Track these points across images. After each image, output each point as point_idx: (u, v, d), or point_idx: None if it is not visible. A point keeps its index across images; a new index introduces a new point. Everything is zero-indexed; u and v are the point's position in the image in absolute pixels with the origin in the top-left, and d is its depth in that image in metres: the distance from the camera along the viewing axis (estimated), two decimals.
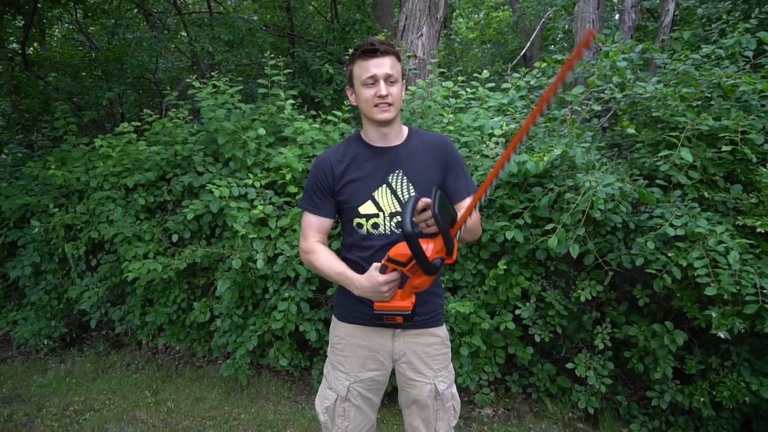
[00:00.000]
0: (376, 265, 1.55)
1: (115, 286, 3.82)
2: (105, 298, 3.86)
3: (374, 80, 1.62)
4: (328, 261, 1.70)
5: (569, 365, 2.90)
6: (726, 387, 2.59)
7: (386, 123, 1.69)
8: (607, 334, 2.83)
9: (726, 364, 2.70)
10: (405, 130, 1.80)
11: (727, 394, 2.56)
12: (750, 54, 3.19)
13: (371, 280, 1.54)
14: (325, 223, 1.77)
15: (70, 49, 8.08)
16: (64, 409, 3.27)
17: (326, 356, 1.92)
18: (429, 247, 1.43)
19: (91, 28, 7.93)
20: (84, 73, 6.75)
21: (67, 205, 3.87)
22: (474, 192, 1.77)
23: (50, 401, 3.35)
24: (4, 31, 6.84)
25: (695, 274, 2.37)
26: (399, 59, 1.68)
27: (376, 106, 1.64)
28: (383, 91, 1.61)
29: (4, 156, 6.39)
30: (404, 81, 1.74)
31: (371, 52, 1.61)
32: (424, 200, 1.46)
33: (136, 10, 7.76)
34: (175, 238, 3.43)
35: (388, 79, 1.62)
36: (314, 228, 1.76)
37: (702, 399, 2.64)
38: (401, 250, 1.46)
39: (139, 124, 3.91)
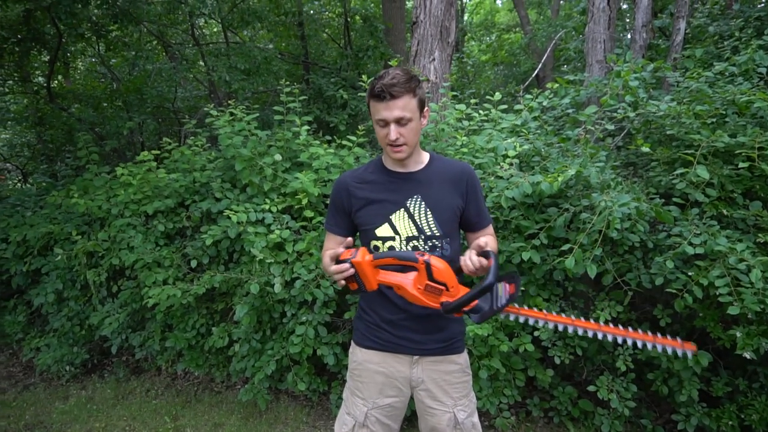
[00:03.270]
0: (344, 252, 1.59)
1: (136, 312, 3.86)
2: (125, 324, 3.90)
3: (385, 123, 1.61)
4: (327, 254, 1.68)
5: (591, 388, 2.85)
6: (755, 410, 2.52)
7: (399, 161, 1.72)
8: (629, 356, 2.78)
9: (754, 385, 2.64)
10: (426, 156, 1.81)
11: (757, 417, 2.50)
12: (764, 70, 3.18)
13: (324, 260, 1.64)
14: (342, 240, 1.79)
15: (93, 81, 8.33)
16: None
17: (344, 381, 1.92)
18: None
19: (113, 60, 8.19)
20: (105, 104, 6.95)
21: (89, 232, 3.95)
22: (490, 223, 1.87)
23: (71, 428, 3.37)
24: (30, 66, 7.10)
25: (717, 293, 2.33)
26: (415, 94, 1.61)
27: (388, 145, 1.65)
28: (393, 136, 1.61)
29: (29, 185, 6.57)
30: (427, 108, 1.71)
31: (380, 97, 1.58)
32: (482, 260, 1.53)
33: (155, 42, 8.00)
34: (193, 263, 3.47)
35: (400, 122, 1.60)
36: (333, 242, 1.82)
37: (730, 422, 2.57)
38: (446, 276, 1.52)
39: (158, 152, 3.99)
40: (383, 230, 1.71)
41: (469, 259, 1.53)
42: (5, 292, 4.54)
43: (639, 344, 1.52)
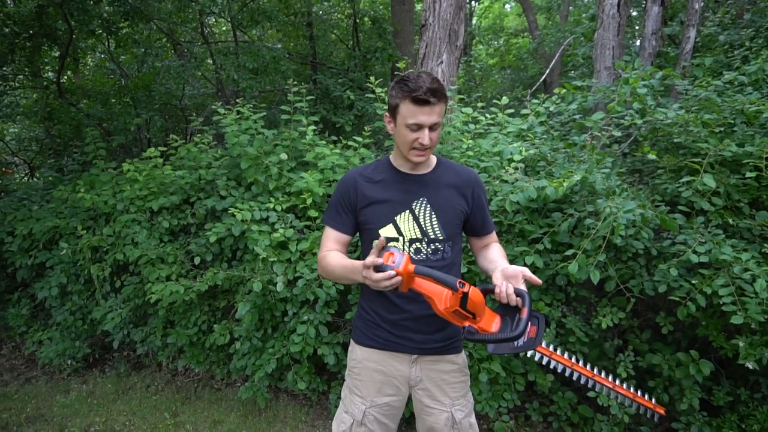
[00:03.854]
0: (384, 255, 1.48)
1: (138, 308, 3.88)
2: (128, 320, 3.92)
3: (419, 127, 1.60)
4: (336, 259, 1.70)
5: (591, 394, 2.83)
6: (756, 420, 2.50)
7: (418, 164, 1.73)
8: (630, 363, 2.77)
9: (756, 396, 2.62)
10: (433, 159, 1.82)
11: (758, 428, 2.48)
12: None
13: (364, 265, 1.49)
14: (344, 238, 1.79)
15: (102, 77, 8.38)
16: (85, 429, 3.31)
17: (344, 380, 1.92)
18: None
19: (122, 57, 8.23)
20: (114, 100, 6.99)
21: (95, 227, 3.98)
22: (494, 230, 1.90)
23: (72, 421, 3.39)
24: (41, 61, 7.15)
25: (720, 302, 2.32)
26: (447, 102, 1.64)
27: (414, 149, 1.65)
28: (426, 141, 1.61)
29: (36, 180, 6.61)
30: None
31: (424, 102, 1.56)
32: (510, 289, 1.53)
33: (165, 40, 8.04)
34: (197, 260, 3.49)
35: (433, 127, 1.61)
36: (332, 240, 1.79)
37: None
38: (479, 308, 1.52)
39: (165, 149, 4.02)
40: (387, 231, 1.71)
41: (506, 293, 1.52)
42: (10, 285, 4.58)
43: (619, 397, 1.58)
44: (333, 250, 1.76)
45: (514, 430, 3.09)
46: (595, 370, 1.59)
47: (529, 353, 1.62)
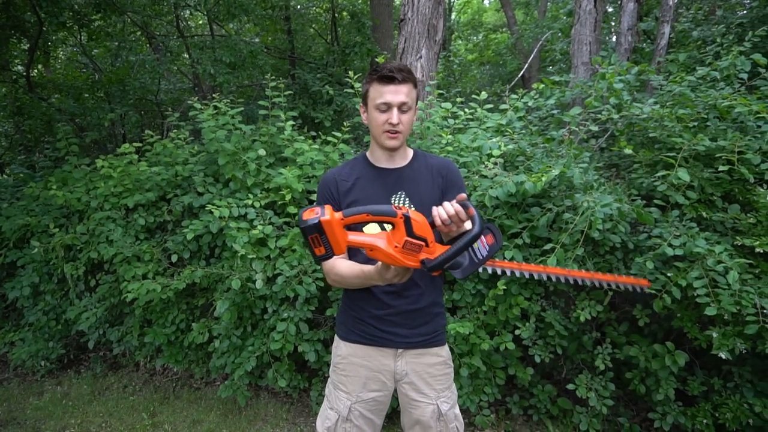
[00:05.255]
0: (307, 210, 1.38)
1: (114, 307, 3.80)
2: (103, 319, 3.84)
3: (388, 107, 1.63)
4: (347, 268, 1.66)
5: (570, 386, 2.87)
6: (729, 409, 2.56)
7: (393, 149, 1.71)
8: (608, 355, 2.81)
9: (728, 385, 2.68)
10: (410, 152, 1.82)
11: (730, 416, 2.54)
12: (745, 76, 3.23)
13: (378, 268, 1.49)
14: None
15: (74, 71, 8.18)
16: None
17: (325, 377, 1.91)
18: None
19: (95, 50, 8.05)
20: (87, 95, 6.83)
21: (68, 225, 3.88)
22: None
23: (46, 424, 3.31)
24: (9, 54, 6.94)
25: (695, 294, 2.37)
26: (416, 86, 1.68)
27: (385, 131, 1.66)
28: (395, 120, 1.63)
29: (5, 176, 6.42)
30: (416, 107, 1.75)
31: (389, 79, 1.61)
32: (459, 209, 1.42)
33: (139, 33, 7.88)
34: (174, 258, 3.43)
35: (402, 107, 1.63)
36: None
37: (705, 421, 2.62)
38: (426, 231, 1.38)
39: (140, 144, 3.94)
40: (370, 227, 1.70)
41: (444, 207, 1.42)
42: None
43: (603, 284, 1.54)
44: (337, 258, 1.69)
45: (494, 424, 3.11)
46: (568, 269, 1.53)
47: (499, 270, 1.53)
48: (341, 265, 1.68)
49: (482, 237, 1.42)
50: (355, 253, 1.75)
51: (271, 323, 3.09)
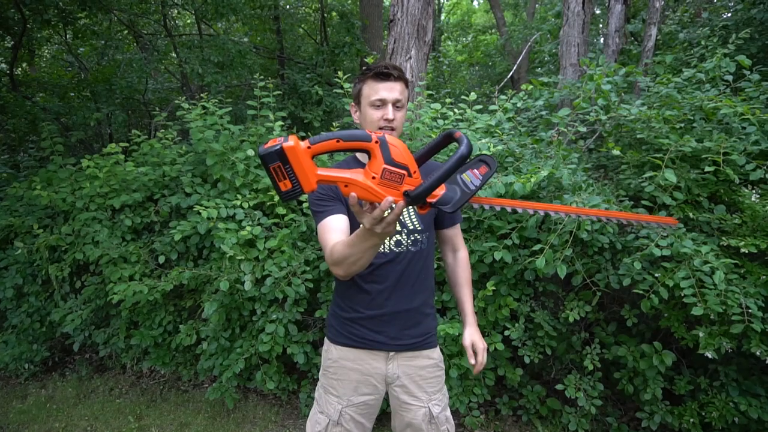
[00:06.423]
0: (270, 140, 1.18)
1: (100, 309, 3.75)
2: (89, 321, 3.79)
3: (383, 103, 1.65)
4: (343, 243, 1.46)
5: (559, 387, 2.89)
6: (715, 407, 2.59)
7: None
8: (597, 355, 2.83)
9: (714, 384, 2.71)
10: None
11: (716, 415, 2.56)
12: (730, 78, 3.26)
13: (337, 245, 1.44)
14: (342, 221, 1.61)
15: (59, 70, 8.08)
16: None
17: (314, 379, 1.90)
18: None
19: (81, 49, 7.94)
20: (72, 94, 6.74)
21: (52, 226, 3.82)
22: (460, 221, 1.93)
23: (30, 428, 3.26)
24: None
25: (682, 294, 2.38)
26: (407, 86, 1.70)
27: (380, 128, 1.65)
28: (390, 115, 1.64)
29: None
30: (407, 107, 1.76)
31: (385, 76, 1.63)
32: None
33: (126, 32, 7.79)
34: (161, 259, 3.39)
35: (396, 104, 1.65)
36: (333, 230, 1.59)
37: (692, 420, 2.64)
38: (406, 157, 1.21)
39: (127, 144, 3.89)
40: None
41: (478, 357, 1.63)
42: None
43: (624, 222, 1.42)
44: (336, 237, 1.57)
45: (484, 425, 3.12)
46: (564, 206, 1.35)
47: (498, 207, 1.38)
48: (338, 245, 1.49)
49: (474, 169, 1.30)
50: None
51: (260, 325, 3.06)
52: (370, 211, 1.21)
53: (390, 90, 1.64)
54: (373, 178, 1.18)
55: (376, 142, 1.17)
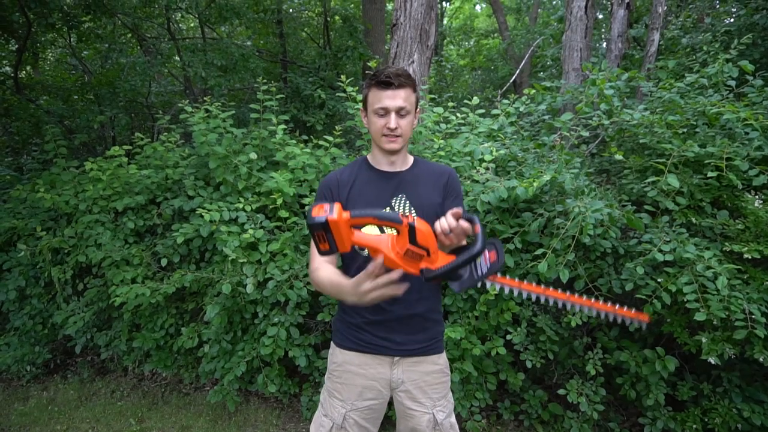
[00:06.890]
0: (315, 207, 1.35)
1: (102, 311, 3.76)
2: (91, 323, 3.79)
3: (386, 112, 1.65)
4: (326, 274, 1.61)
5: (561, 391, 2.88)
6: (718, 413, 2.58)
7: (393, 152, 1.72)
8: (599, 360, 2.82)
9: (717, 390, 2.70)
10: (411, 158, 1.84)
11: (719, 421, 2.55)
12: (733, 83, 3.26)
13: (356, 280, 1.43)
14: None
15: (63, 73, 8.10)
16: None
17: (316, 383, 1.89)
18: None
19: (85, 52, 7.97)
20: (76, 97, 6.76)
21: (55, 228, 3.83)
22: None
23: (31, 430, 3.25)
24: None
25: (684, 300, 2.38)
26: (415, 89, 1.69)
27: (384, 136, 1.67)
28: (392, 124, 1.65)
29: None
30: (418, 110, 1.76)
31: (386, 84, 1.62)
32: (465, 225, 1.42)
33: (130, 35, 7.82)
34: (164, 262, 3.39)
35: (400, 112, 1.65)
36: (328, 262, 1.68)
37: (694, 426, 2.63)
38: (429, 241, 1.38)
39: (130, 147, 3.90)
40: (369, 228, 1.69)
41: (446, 220, 1.41)
42: None
43: (601, 314, 1.51)
44: (324, 262, 1.66)
45: (486, 429, 3.11)
46: (568, 293, 1.50)
47: (498, 287, 1.51)
48: (322, 271, 1.62)
49: (485, 253, 1.42)
50: (352, 255, 1.72)
51: (262, 328, 3.06)
52: (362, 281, 1.37)
53: (393, 98, 1.63)
54: (397, 252, 1.37)
55: (406, 226, 1.34)
